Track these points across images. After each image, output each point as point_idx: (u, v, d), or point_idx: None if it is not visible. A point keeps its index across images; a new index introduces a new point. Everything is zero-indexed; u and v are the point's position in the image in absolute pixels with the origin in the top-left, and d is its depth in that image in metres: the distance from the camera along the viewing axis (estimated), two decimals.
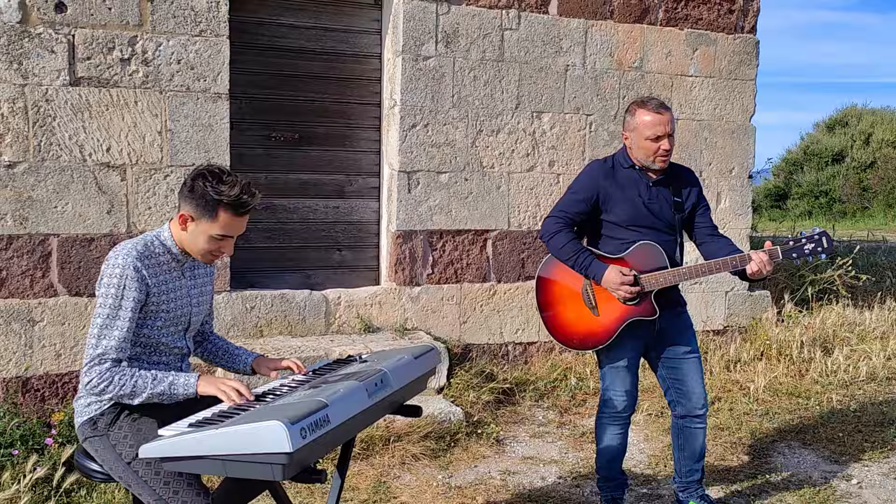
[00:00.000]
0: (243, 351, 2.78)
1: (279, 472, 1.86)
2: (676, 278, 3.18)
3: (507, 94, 5.33)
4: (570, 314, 3.31)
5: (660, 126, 3.19)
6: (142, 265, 2.38)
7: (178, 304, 2.50)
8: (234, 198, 2.39)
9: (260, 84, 4.96)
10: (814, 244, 3.21)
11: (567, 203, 3.30)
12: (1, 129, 4.19)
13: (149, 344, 2.45)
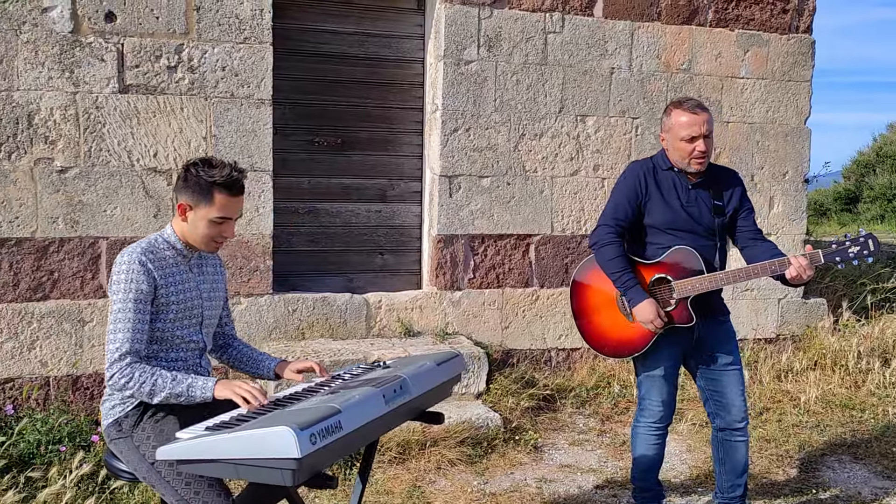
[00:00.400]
0: (266, 356, 2.82)
1: (289, 477, 1.87)
2: (712, 284, 3.09)
3: (551, 98, 5.28)
4: (604, 321, 3.25)
5: (695, 126, 3.11)
6: (147, 259, 2.46)
7: (187, 297, 2.56)
8: (226, 177, 2.49)
9: (303, 90, 5.02)
10: (859, 247, 3.08)
11: (615, 209, 3.22)
12: (53, 135, 4.33)
13: (164, 339, 2.50)
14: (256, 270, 4.74)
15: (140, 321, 2.40)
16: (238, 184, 2.53)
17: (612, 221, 3.20)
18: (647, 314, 3.07)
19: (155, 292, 2.46)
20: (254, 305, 4.75)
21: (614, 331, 3.23)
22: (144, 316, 2.42)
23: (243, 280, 4.72)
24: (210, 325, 2.69)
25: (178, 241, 2.58)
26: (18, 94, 4.26)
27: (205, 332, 2.65)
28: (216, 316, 2.73)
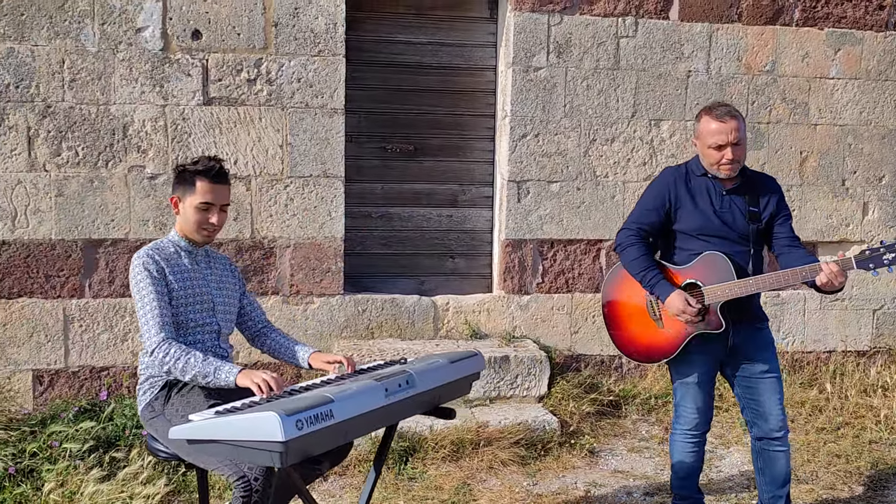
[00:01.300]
0: (302, 347, 3.00)
1: (277, 459, 2.03)
2: (743, 290, 3.04)
3: (623, 103, 5.25)
4: (634, 326, 3.26)
5: (723, 135, 3.08)
6: (153, 253, 2.75)
7: (194, 284, 2.81)
8: (206, 165, 2.78)
9: (377, 99, 5.22)
10: (894, 254, 2.95)
11: (640, 213, 3.26)
12: (145, 145, 4.72)
13: (179, 324, 2.75)
14: (328, 272, 4.97)
15: (162, 304, 2.66)
16: (214, 170, 2.80)
17: (633, 225, 3.23)
18: (677, 305, 3.07)
19: (166, 280, 2.71)
20: (326, 305, 4.99)
21: (645, 336, 3.23)
22: (164, 298, 2.68)
23: (316, 281, 4.96)
24: (225, 311, 2.91)
25: (181, 240, 2.85)
26: (115, 108, 4.67)
27: (219, 316, 2.87)
28: (231, 304, 2.94)
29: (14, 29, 4.53)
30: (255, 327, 3.08)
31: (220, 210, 2.86)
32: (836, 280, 2.91)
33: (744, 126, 3.16)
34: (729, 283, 3.06)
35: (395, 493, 3.94)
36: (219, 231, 2.91)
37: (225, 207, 2.88)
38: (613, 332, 3.35)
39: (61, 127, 4.62)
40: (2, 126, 4.56)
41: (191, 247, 2.87)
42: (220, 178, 2.83)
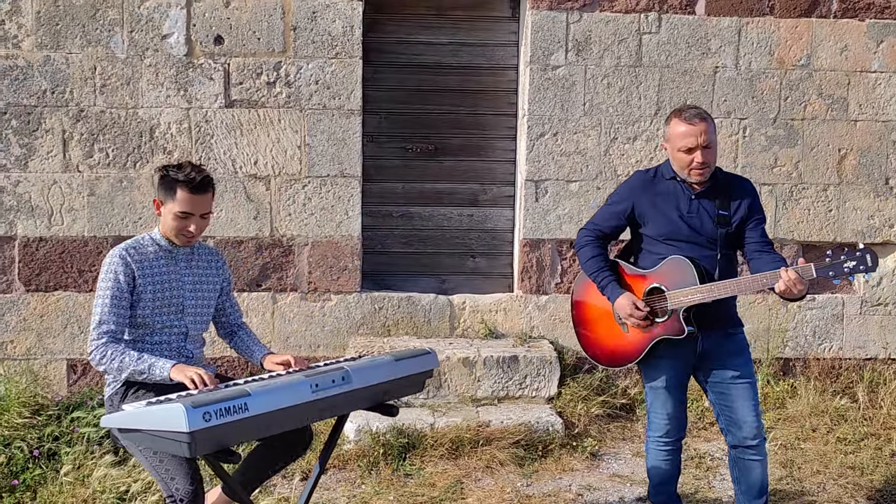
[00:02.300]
0: (259, 348, 3.09)
1: (185, 448, 2.12)
2: (704, 296, 2.95)
3: (646, 100, 5.15)
4: (601, 330, 3.21)
5: (692, 137, 3.00)
6: (128, 255, 2.84)
7: (165, 288, 2.89)
8: (187, 175, 2.81)
9: (398, 99, 5.29)
10: (855, 262, 2.81)
11: (601, 216, 3.25)
12: (170, 146, 4.93)
13: (146, 324, 2.85)
14: (345, 269, 5.08)
15: (116, 307, 2.77)
16: (195, 182, 2.83)
17: (591, 226, 3.23)
18: (624, 308, 3.04)
19: (133, 283, 2.81)
20: (343, 302, 5.09)
21: (610, 340, 3.18)
22: (121, 303, 2.78)
23: (333, 278, 5.07)
24: (196, 314, 3.00)
25: (161, 239, 2.94)
26: (142, 111, 4.90)
27: (188, 319, 2.97)
28: (203, 305, 3.04)
29: (50, 38, 4.82)
30: (229, 326, 3.20)
31: (201, 217, 2.92)
32: (795, 288, 2.80)
33: (714, 129, 3.07)
34: (692, 287, 2.98)
35: (388, 489, 3.99)
36: (199, 236, 3.00)
37: (206, 215, 2.94)
38: (580, 333, 3.32)
39: (93, 130, 4.89)
40: (39, 129, 4.86)
41: (171, 246, 2.96)
42: (201, 189, 2.88)
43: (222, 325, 3.20)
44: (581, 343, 3.31)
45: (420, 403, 4.67)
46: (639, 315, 3.02)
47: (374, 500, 3.89)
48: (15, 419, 4.42)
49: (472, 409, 4.59)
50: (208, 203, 2.93)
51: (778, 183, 5.24)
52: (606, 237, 3.24)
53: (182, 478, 2.57)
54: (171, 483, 2.57)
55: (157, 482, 2.64)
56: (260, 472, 3.01)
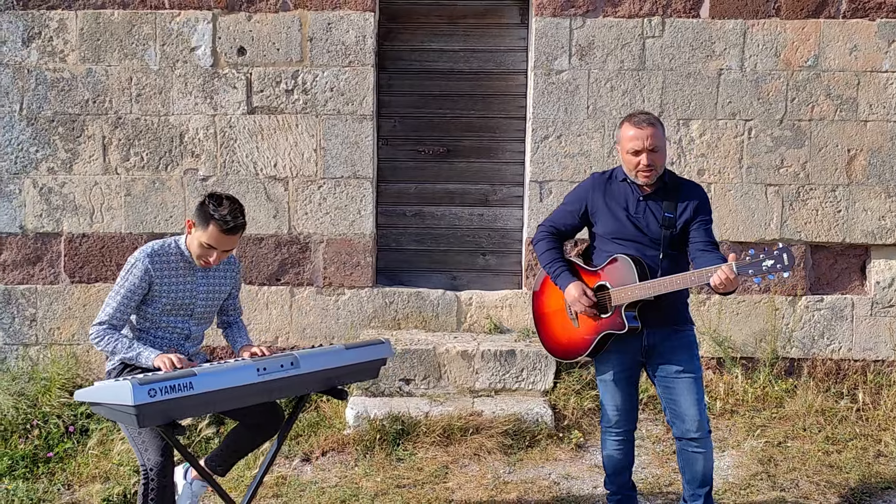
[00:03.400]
0: (242, 339, 3.41)
1: (134, 420, 2.45)
2: (643, 293, 3.11)
3: (649, 103, 5.26)
4: (556, 325, 3.40)
5: (638, 140, 3.16)
6: (150, 261, 3.14)
7: (179, 296, 3.21)
8: (222, 216, 3.08)
9: (412, 104, 5.56)
10: (773, 260, 2.92)
11: (557, 214, 3.44)
12: (198, 150, 5.34)
13: (153, 321, 3.19)
14: (358, 266, 5.38)
15: (125, 305, 3.12)
16: (228, 226, 3.12)
17: (548, 224, 3.41)
18: (572, 294, 3.23)
19: (150, 287, 3.15)
20: (356, 296, 5.40)
21: (564, 334, 3.37)
22: (130, 303, 3.13)
23: (346, 273, 5.39)
24: (202, 317, 3.33)
25: (186, 251, 3.25)
26: (173, 118, 5.33)
27: (193, 322, 3.29)
28: (212, 308, 3.37)
29: (92, 52, 5.29)
30: (225, 322, 3.54)
31: (222, 252, 3.22)
32: (730, 285, 2.94)
33: (661, 133, 3.22)
34: (632, 285, 3.14)
35: (378, 471, 4.28)
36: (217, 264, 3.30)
37: (228, 251, 3.25)
38: (538, 327, 3.51)
39: (129, 136, 5.34)
40: (82, 135, 5.34)
41: (192, 259, 3.28)
42: (232, 232, 3.16)
43: (221, 320, 3.54)
44: (539, 336, 3.51)
45: (421, 393, 4.94)
46: (586, 302, 3.20)
47: (364, 480, 4.18)
48: (55, 398, 4.90)
49: (469, 400, 4.83)
50: (234, 242, 3.22)
51: (784, 184, 5.28)
52: (562, 234, 3.43)
53: (154, 451, 2.91)
54: (144, 454, 2.92)
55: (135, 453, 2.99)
56: (238, 448, 3.33)
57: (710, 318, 5.33)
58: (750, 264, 2.95)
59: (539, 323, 3.51)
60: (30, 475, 4.38)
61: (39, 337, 5.39)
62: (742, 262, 2.96)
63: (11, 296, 5.40)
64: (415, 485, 4.10)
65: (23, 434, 4.68)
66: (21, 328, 5.41)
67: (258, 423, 3.24)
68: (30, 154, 5.35)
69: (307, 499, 3.98)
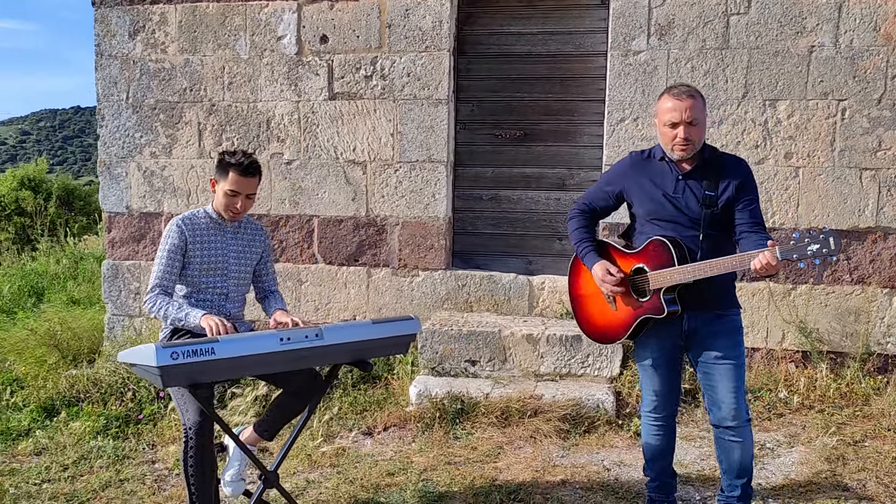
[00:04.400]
0: (275, 308, 3.56)
1: (159, 380, 2.64)
2: (681, 277, 3.00)
3: (733, 83, 5.05)
4: (593, 307, 3.35)
5: (676, 112, 3.05)
6: (183, 225, 3.39)
7: (211, 254, 3.42)
8: (238, 161, 3.34)
9: (490, 88, 5.58)
10: (818, 245, 2.74)
11: (591, 193, 3.37)
12: (283, 135, 5.59)
13: (193, 283, 3.41)
14: (431, 248, 5.48)
15: (169, 267, 3.35)
16: (243, 165, 3.34)
17: (581, 202, 3.36)
18: (598, 273, 3.17)
19: (185, 248, 3.39)
20: (429, 278, 5.50)
21: (601, 317, 3.31)
22: (174, 264, 3.36)
23: (420, 256, 5.50)
24: (237, 277, 3.52)
25: (213, 213, 3.48)
26: (261, 104, 5.60)
27: (230, 282, 3.49)
28: (244, 270, 3.55)
29: (189, 44, 5.64)
30: (263, 291, 3.71)
31: (246, 197, 3.43)
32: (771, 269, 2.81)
33: (702, 107, 3.09)
34: (671, 269, 3.04)
35: (432, 447, 4.36)
36: (244, 213, 3.52)
37: (251, 196, 3.45)
38: (575, 309, 3.46)
39: (222, 122, 5.65)
40: (180, 122, 5.71)
41: (221, 220, 3.52)
42: (249, 173, 3.39)
43: (258, 290, 3.72)
44: (576, 318, 3.46)
45: (486, 375, 4.98)
46: (611, 280, 3.13)
47: (417, 456, 4.28)
48: None
49: (532, 383, 4.82)
50: (254, 185, 3.43)
51: (882, 168, 4.93)
52: (595, 213, 3.36)
53: (193, 411, 3.11)
54: (185, 414, 3.13)
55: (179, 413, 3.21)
56: (281, 414, 3.49)
57: (797, 309, 5.06)
58: (794, 249, 2.80)
59: (575, 305, 3.46)
60: (120, 434, 4.75)
61: (143, 309, 5.82)
62: (786, 247, 2.81)
63: (119, 271, 5.86)
64: (465, 462, 4.15)
65: (119, 397, 5.08)
66: (127, 301, 5.86)
67: (299, 391, 3.38)
68: (135, 139, 5.77)
69: (360, 470, 4.12)
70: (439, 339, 5.01)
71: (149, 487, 4.04)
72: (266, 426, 3.52)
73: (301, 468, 4.21)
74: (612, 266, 3.16)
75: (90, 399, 5.10)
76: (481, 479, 3.94)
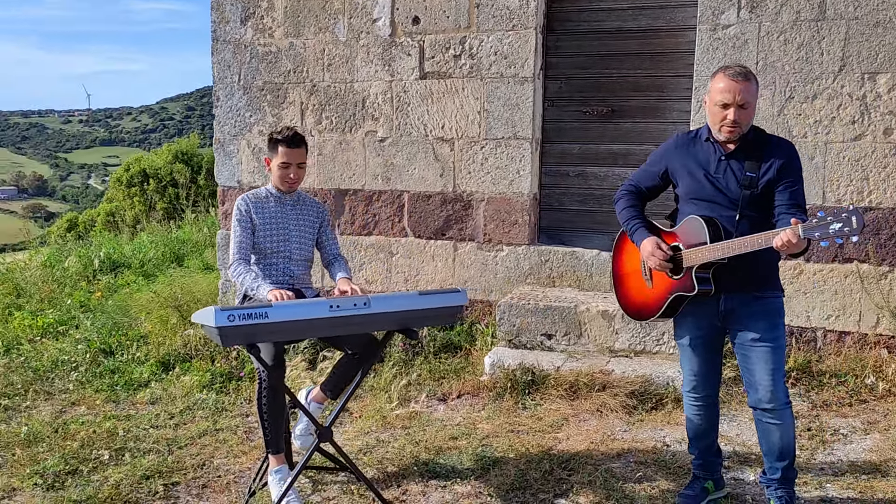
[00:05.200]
0: (338, 274, 3.82)
1: (219, 339, 2.95)
2: (712, 255, 3.00)
3: (829, 56, 4.84)
4: (631, 285, 3.39)
5: (728, 93, 3.03)
6: (248, 201, 3.75)
7: (273, 223, 3.75)
8: (284, 135, 3.70)
9: (578, 65, 5.61)
10: (841, 223, 2.67)
11: (639, 173, 3.40)
12: (377, 113, 5.86)
13: (260, 250, 3.74)
14: (515, 224, 5.60)
15: (243, 237, 3.69)
16: (289, 138, 3.68)
17: (628, 183, 3.38)
18: (646, 248, 3.18)
19: (251, 219, 3.72)
20: (513, 253, 5.63)
21: (638, 295, 3.35)
22: (247, 233, 3.70)
23: (505, 231, 5.63)
24: (298, 241, 3.81)
25: (273, 189, 3.80)
26: (357, 84, 5.89)
27: (293, 245, 3.79)
28: (305, 236, 3.84)
29: (293, 28, 5.99)
30: (327, 257, 4.00)
31: (297, 167, 3.77)
32: (793, 247, 2.77)
33: (755, 90, 3.05)
34: (701, 247, 3.05)
35: (499, 416, 4.53)
36: (299, 182, 3.84)
37: (302, 165, 3.79)
38: (615, 286, 3.51)
39: (322, 101, 5.99)
40: (285, 102, 6.09)
41: (279, 194, 3.84)
42: (295, 143, 3.73)
43: (323, 257, 4.00)
44: (616, 296, 3.52)
45: (561, 349, 5.08)
46: (660, 255, 3.15)
47: (483, 423, 4.46)
48: None
49: (605, 359, 4.88)
50: (303, 155, 3.77)
51: None
52: (642, 194, 3.38)
53: (267, 358, 3.42)
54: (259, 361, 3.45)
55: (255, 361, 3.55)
56: (343, 375, 3.77)
57: (891, 294, 4.83)
58: (817, 227, 2.75)
59: (616, 283, 3.51)
60: (223, 389, 5.21)
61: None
62: (809, 225, 2.77)
63: None
64: (528, 431, 4.30)
65: (224, 355, 5.55)
66: None
67: (358, 354, 3.65)
68: (245, 118, 6.21)
69: (428, 433, 4.35)
70: (516, 312, 5.15)
71: (238, 438, 4.44)
72: (331, 385, 3.81)
73: (375, 428, 4.49)
74: (664, 243, 3.18)
75: (200, 356, 5.61)
76: (538, 447, 4.07)
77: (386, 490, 3.71)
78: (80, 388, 5.32)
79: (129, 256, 8.75)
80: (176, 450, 4.28)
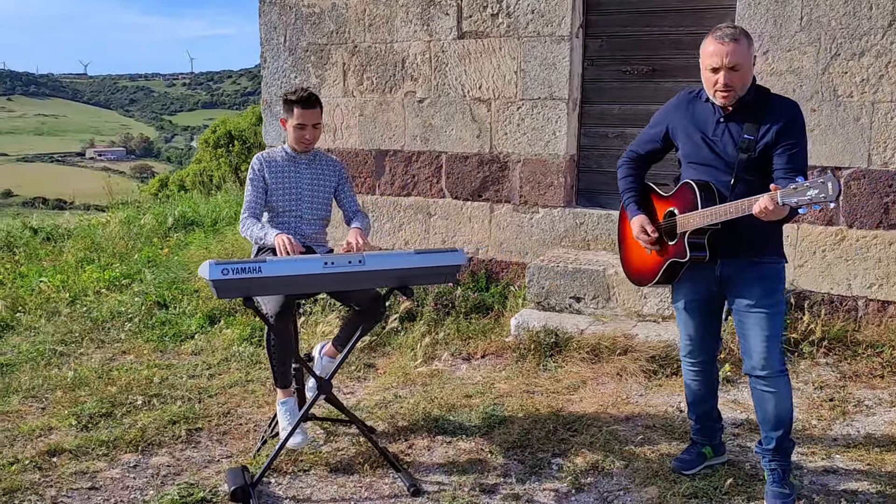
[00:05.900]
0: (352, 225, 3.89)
1: (214, 292, 3.08)
2: (701, 220, 2.92)
3: (878, 10, 4.57)
4: (633, 251, 3.34)
5: (717, 57, 2.92)
6: (262, 159, 3.85)
7: (286, 181, 3.83)
8: (299, 96, 3.75)
9: (619, 23, 5.46)
10: (817, 190, 2.53)
11: (639, 139, 3.33)
12: (416, 74, 5.88)
13: (273, 209, 3.84)
14: (551, 186, 5.55)
15: (255, 195, 3.80)
16: (304, 98, 3.73)
17: (629, 151, 3.33)
18: (635, 229, 3.17)
19: (265, 178, 3.82)
20: (548, 215, 5.60)
21: (639, 260, 3.30)
22: (258, 192, 3.81)
23: (540, 193, 5.60)
24: (311, 201, 3.89)
25: (288, 149, 3.88)
26: (397, 45, 5.91)
27: (304, 205, 3.88)
28: (319, 196, 3.91)
29: None
30: (347, 214, 4.07)
31: (313, 127, 3.84)
32: (769, 212, 2.67)
33: (745, 50, 2.92)
34: (693, 213, 2.98)
35: (519, 376, 4.56)
36: (315, 142, 3.92)
37: (317, 125, 3.86)
38: (620, 253, 3.46)
39: (363, 62, 6.05)
40: (328, 63, 6.18)
41: (294, 154, 3.93)
42: (310, 104, 3.79)
43: (344, 214, 4.09)
44: (621, 260, 3.48)
45: (589, 312, 5.05)
46: (645, 238, 3.13)
47: (501, 382, 4.50)
48: None
49: (632, 323, 4.83)
50: (318, 116, 3.82)
51: None
52: (643, 159, 3.32)
53: (275, 305, 3.52)
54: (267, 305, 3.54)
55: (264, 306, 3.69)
56: (352, 331, 3.86)
57: None
58: (794, 193, 2.64)
59: (620, 247, 3.47)
60: (260, 343, 5.42)
61: None
62: (787, 192, 2.65)
63: None
64: (543, 392, 4.32)
65: None
66: None
67: (364, 310, 3.73)
68: (290, 79, 6.34)
69: (445, 391, 4.42)
70: (546, 274, 5.14)
71: (267, 389, 4.62)
72: (341, 341, 3.92)
73: (395, 384, 4.60)
74: (649, 225, 3.14)
75: (244, 311, 5.83)
76: (548, 408, 4.09)
77: (393, 444, 3.81)
78: (132, 338, 5.62)
79: (203, 216, 9.10)
80: (206, 398, 4.49)
